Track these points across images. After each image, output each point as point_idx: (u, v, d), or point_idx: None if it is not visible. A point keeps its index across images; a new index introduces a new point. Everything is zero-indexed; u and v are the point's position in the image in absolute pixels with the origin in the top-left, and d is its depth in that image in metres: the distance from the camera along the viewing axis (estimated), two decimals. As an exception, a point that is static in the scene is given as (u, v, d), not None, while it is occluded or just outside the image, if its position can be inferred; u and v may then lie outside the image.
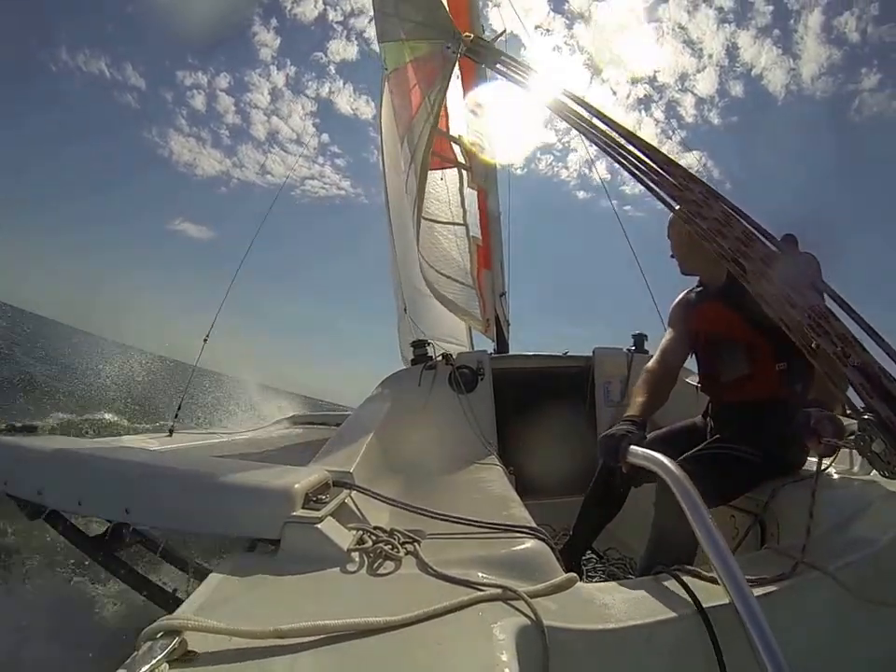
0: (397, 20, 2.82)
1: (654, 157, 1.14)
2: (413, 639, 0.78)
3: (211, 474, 1.28)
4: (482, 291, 4.20)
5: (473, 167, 4.10)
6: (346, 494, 1.31)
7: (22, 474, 1.62)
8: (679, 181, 1.09)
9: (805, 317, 1.09)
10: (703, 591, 1.02)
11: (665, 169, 1.12)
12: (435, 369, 2.93)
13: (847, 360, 1.09)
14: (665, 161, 1.14)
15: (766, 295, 1.09)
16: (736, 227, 1.09)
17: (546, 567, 1.11)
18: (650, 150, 1.14)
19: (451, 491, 1.86)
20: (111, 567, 1.67)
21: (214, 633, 0.72)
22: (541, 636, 0.84)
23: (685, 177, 1.11)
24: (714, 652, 0.91)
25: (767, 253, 1.09)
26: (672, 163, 1.13)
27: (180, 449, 2.98)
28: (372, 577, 1.03)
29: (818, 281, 1.27)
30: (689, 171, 1.11)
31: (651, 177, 1.13)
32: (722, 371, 1.88)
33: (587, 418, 3.14)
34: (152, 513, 1.33)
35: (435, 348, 3.16)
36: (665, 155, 1.14)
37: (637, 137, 1.20)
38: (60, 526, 1.71)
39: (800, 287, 1.15)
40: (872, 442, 1.12)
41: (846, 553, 1.18)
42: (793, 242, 1.44)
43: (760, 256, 1.07)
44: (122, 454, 1.84)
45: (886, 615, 1.11)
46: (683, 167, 1.11)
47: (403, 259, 4.73)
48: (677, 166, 1.12)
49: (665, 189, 1.09)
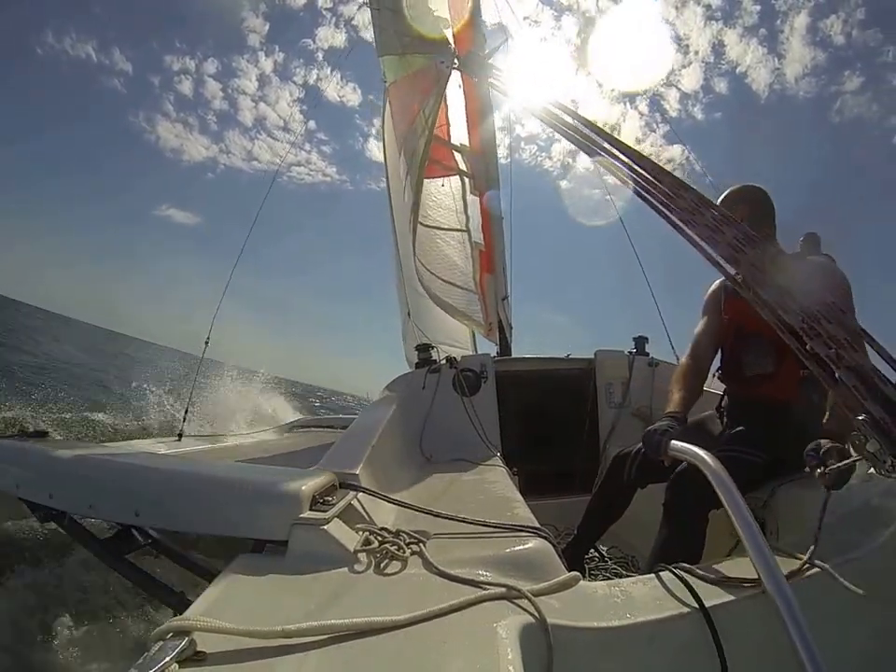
0: (394, 34, 2.88)
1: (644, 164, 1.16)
2: (419, 638, 0.79)
3: (219, 477, 1.31)
4: (484, 295, 4.23)
5: (475, 174, 4.14)
6: (353, 495, 1.32)
7: (34, 478, 1.67)
8: (671, 188, 1.12)
9: (799, 320, 1.10)
10: (705, 589, 1.04)
11: (656, 177, 1.14)
12: (439, 372, 2.96)
13: (840, 362, 1.10)
14: (655, 170, 1.16)
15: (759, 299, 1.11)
16: (728, 232, 1.11)
17: (550, 566, 1.12)
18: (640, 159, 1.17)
19: (455, 492, 1.88)
20: (121, 568, 1.69)
21: (223, 633, 0.73)
22: (545, 634, 0.85)
23: (676, 185, 1.13)
24: (716, 650, 0.93)
25: (759, 257, 1.12)
26: (662, 171, 1.16)
27: (189, 453, 3.03)
28: (379, 577, 1.04)
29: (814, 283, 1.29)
30: (679, 179, 1.14)
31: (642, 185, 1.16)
32: (747, 365, 1.89)
33: (589, 420, 3.16)
34: (161, 516, 1.35)
35: (439, 352, 3.19)
36: (654, 163, 1.17)
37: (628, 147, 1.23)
38: (71, 529, 1.74)
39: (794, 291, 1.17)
40: (867, 443, 1.14)
41: (847, 551, 1.20)
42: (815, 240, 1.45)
43: (753, 261, 1.09)
44: (132, 458, 1.87)
45: (885, 613, 1.12)
46: (674, 175, 1.14)
47: (407, 265, 4.77)
48: (667, 174, 1.15)
49: (657, 196, 1.12)
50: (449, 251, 4.15)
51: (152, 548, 1.77)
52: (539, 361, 3.41)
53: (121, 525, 1.65)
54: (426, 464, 2.41)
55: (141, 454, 2.38)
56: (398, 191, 4.33)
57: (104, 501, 1.43)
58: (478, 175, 4.10)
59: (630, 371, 3.17)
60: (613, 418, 3.10)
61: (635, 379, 3.13)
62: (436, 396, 2.86)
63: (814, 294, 1.18)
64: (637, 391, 3.15)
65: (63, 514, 1.69)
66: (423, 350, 3.17)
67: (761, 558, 0.95)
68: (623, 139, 1.30)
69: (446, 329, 4.85)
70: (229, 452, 3.40)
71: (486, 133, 4.00)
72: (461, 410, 2.82)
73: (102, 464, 1.59)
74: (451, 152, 4.10)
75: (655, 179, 1.13)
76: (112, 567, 1.71)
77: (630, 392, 3.12)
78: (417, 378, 2.94)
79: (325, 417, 5.00)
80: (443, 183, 4.05)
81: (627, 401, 3.12)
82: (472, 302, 4.17)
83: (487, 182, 4.13)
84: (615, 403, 3.16)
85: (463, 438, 2.68)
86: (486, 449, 2.57)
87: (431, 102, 2.51)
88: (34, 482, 1.66)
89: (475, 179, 4.12)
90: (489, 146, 4.09)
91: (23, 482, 1.69)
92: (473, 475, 2.15)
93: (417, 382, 2.91)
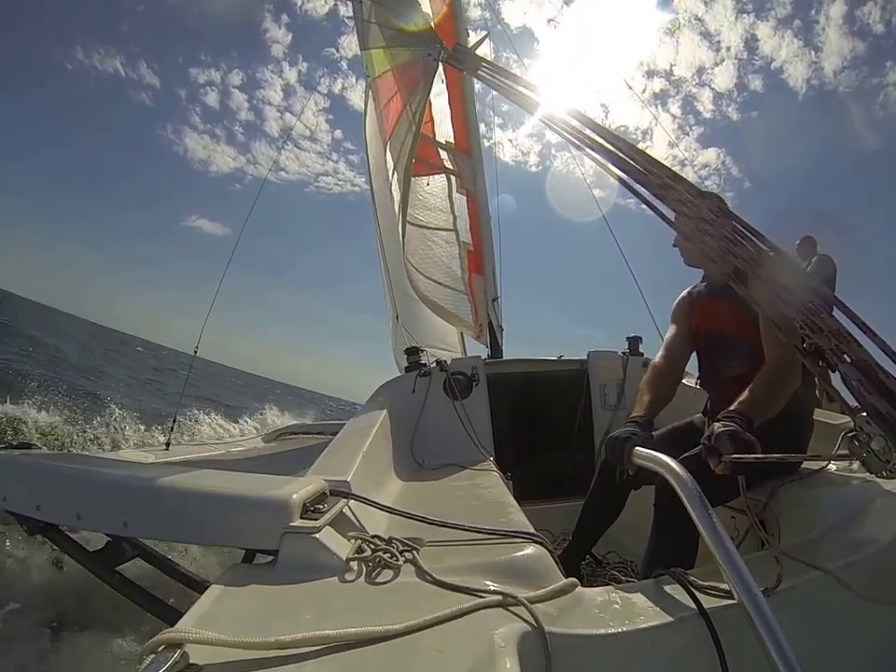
0: (377, 27, 2.83)
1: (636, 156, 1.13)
2: (414, 647, 0.78)
3: (208, 486, 1.29)
4: (474, 297, 4.19)
5: (461, 172, 4.10)
6: (344, 503, 1.29)
7: (21, 490, 1.64)
8: (665, 180, 1.08)
9: (798, 316, 1.07)
10: (705, 594, 1.01)
11: (649, 168, 1.11)
12: (429, 376, 2.92)
13: (841, 357, 1.07)
14: (648, 161, 1.12)
15: (757, 294, 1.08)
16: (725, 225, 1.08)
17: (546, 572, 1.10)
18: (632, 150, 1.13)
19: (449, 498, 1.85)
20: (111, 580, 1.67)
21: (216, 645, 0.72)
22: (543, 642, 0.84)
23: (671, 177, 1.09)
24: (717, 655, 0.90)
25: (757, 251, 1.08)
26: (655, 162, 1.12)
27: (177, 462, 2.98)
28: (371, 586, 1.03)
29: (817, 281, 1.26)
30: (673, 170, 1.10)
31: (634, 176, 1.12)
32: (722, 368, 1.87)
33: (583, 422, 3.13)
34: (151, 526, 1.34)
35: (428, 355, 3.15)
36: (647, 154, 1.13)
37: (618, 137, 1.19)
38: (59, 541, 1.73)
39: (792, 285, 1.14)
40: (871, 440, 1.11)
41: (847, 553, 1.18)
42: (812, 243, 1.45)
43: (749, 254, 1.06)
44: (119, 467, 1.86)
45: (888, 614, 1.10)
46: (666, 165, 1.10)
47: (394, 266, 4.73)
48: (661, 166, 1.11)
49: (651, 188, 1.08)
50: (437, 250, 4.11)
51: (142, 559, 1.76)
52: (530, 363, 3.37)
53: (111, 537, 1.63)
54: (418, 469, 2.37)
55: (129, 463, 2.35)
56: (382, 190, 4.27)
57: (92, 512, 1.42)
58: (464, 174, 4.06)
59: (624, 372, 3.14)
60: (608, 420, 3.07)
61: (629, 380, 3.10)
62: (427, 400, 2.81)
63: (814, 287, 1.16)
64: (631, 392, 3.12)
65: (51, 526, 1.66)
66: (412, 353, 3.12)
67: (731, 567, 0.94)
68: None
69: (435, 331, 4.81)
70: (217, 460, 3.36)
71: (472, 130, 3.97)
72: (452, 414, 2.77)
73: (89, 474, 1.56)
74: (436, 150, 4.05)
75: (646, 171, 1.09)
76: (102, 578, 1.69)
77: (625, 393, 3.09)
78: (407, 382, 2.89)
79: (313, 423, 4.98)
80: (428, 182, 4.01)
81: (622, 403, 3.09)
82: (462, 303, 4.13)
83: (474, 180, 4.10)
84: (609, 405, 3.13)
85: (455, 442, 2.64)
86: (479, 453, 2.53)
87: (418, 96, 2.46)
88: (20, 493, 1.63)
89: (461, 177, 4.08)
90: (475, 142, 4.06)
91: (10, 494, 1.65)
92: (466, 480, 2.12)
93: (407, 386, 2.87)
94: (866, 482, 1.41)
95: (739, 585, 0.91)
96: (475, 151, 4.10)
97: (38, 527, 1.65)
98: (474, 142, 4.10)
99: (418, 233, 3.93)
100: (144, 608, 1.64)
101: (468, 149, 4.07)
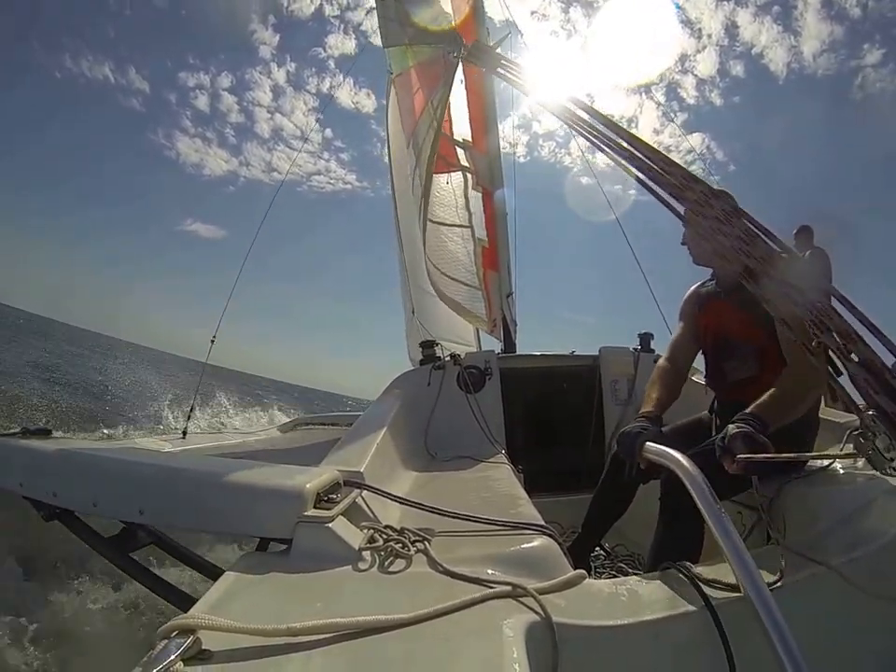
0: (399, 25, 2.86)
1: (653, 157, 1.15)
2: (424, 637, 0.79)
3: (224, 475, 1.29)
4: (488, 292, 4.22)
5: (477, 170, 4.13)
6: (357, 493, 1.31)
7: (38, 476, 1.67)
8: (680, 181, 1.11)
9: (808, 314, 1.09)
10: (712, 587, 1.03)
11: (665, 168, 1.13)
12: (443, 369, 2.96)
13: (849, 356, 1.09)
14: (664, 161, 1.15)
15: (768, 293, 1.10)
16: (737, 225, 1.10)
17: (555, 563, 1.12)
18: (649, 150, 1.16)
19: (460, 489, 1.87)
20: (126, 567, 1.69)
21: (228, 631, 0.73)
22: (551, 632, 0.85)
23: (686, 177, 1.12)
24: (723, 648, 0.92)
25: (769, 251, 1.10)
26: (672, 163, 1.15)
27: (193, 450, 3.03)
28: (383, 575, 1.04)
29: (821, 278, 1.28)
30: (689, 171, 1.13)
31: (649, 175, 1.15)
32: (729, 371, 1.88)
33: (594, 417, 3.16)
34: (166, 514, 1.34)
35: (443, 349, 3.19)
36: (664, 155, 1.16)
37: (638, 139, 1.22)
38: (75, 527, 1.74)
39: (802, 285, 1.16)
40: (875, 439, 1.13)
41: (852, 549, 1.19)
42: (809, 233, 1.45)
43: (761, 254, 1.08)
44: (136, 455, 1.87)
45: (891, 609, 1.11)
46: (682, 167, 1.13)
47: (411, 261, 4.76)
48: (677, 166, 1.14)
49: (666, 187, 1.11)
50: (453, 247, 4.14)
51: (157, 546, 1.78)
52: (543, 358, 3.40)
53: (126, 523, 1.65)
54: (430, 461, 2.41)
55: (145, 451, 2.39)
56: (402, 186, 4.31)
57: (108, 499, 1.43)
58: (480, 171, 4.08)
59: (635, 368, 3.15)
60: (619, 415, 3.09)
61: (640, 376, 3.11)
62: (440, 393, 2.85)
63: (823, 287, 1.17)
64: (642, 388, 3.13)
65: (67, 512, 1.69)
66: (427, 347, 3.16)
67: (738, 561, 0.95)
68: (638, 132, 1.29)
69: (450, 325, 4.85)
70: (233, 449, 3.41)
71: (490, 129, 3.98)
72: (466, 407, 2.82)
73: (106, 461, 1.58)
74: (454, 148, 4.08)
75: (664, 171, 1.12)
76: (117, 565, 1.71)
77: (635, 389, 3.10)
78: (422, 375, 2.94)
79: (328, 415, 5.02)
80: (447, 180, 4.04)
81: (632, 398, 3.10)
82: (476, 299, 4.16)
83: (491, 178, 4.12)
84: (621, 400, 3.15)
85: (467, 435, 2.68)
86: (491, 446, 2.56)
87: (439, 94, 2.49)
88: (37, 480, 1.66)
89: (477, 175, 4.10)
90: (492, 141, 4.07)
91: (27, 480, 1.69)
92: (478, 472, 2.15)
93: (422, 379, 2.91)
94: (870, 479, 1.41)
95: (746, 579, 0.92)
96: (492, 149, 4.12)
97: (55, 513, 1.67)
98: (492, 140, 4.12)
99: (435, 230, 3.96)
100: (158, 594, 1.67)
101: (484, 147, 4.09)
